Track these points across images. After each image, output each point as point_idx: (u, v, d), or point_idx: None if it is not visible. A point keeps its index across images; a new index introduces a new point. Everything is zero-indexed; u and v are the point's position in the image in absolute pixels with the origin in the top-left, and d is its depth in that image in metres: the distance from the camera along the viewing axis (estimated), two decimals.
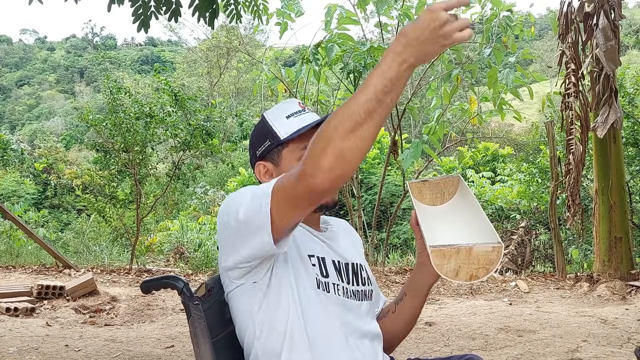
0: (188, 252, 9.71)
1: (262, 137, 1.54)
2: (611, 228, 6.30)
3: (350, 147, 1.16)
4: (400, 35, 1.18)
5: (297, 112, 1.52)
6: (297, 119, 1.51)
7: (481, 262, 1.33)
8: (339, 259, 1.54)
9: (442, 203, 1.70)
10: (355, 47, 6.70)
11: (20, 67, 69.36)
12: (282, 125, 1.51)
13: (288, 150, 1.51)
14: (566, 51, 6.04)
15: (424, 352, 4.03)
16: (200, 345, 1.51)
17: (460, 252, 1.33)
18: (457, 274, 1.34)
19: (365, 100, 1.15)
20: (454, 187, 1.70)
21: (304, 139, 1.47)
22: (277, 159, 1.53)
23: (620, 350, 3.89)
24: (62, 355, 3.90)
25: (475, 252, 1.33)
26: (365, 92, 1.16)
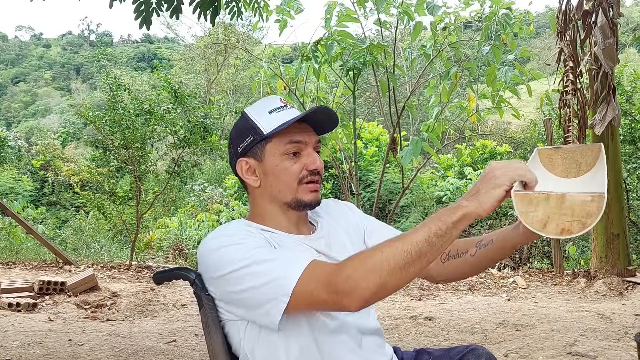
0: (187, 248, 9.75)
1: (244, 133, 1.51)
2: (608, 225, 6.35)
3: (393, 282, 1.19)
4: (465, 194, 1.26)
5: (279, 107, 1.49)
6: (280, 114, 1.47)
7: (576, 214, 1.15)
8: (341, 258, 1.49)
9: (577, 175, 1.44)
10: (355, 45, 6.72)
11: (16, 64, 69.11)
12: (265, 121, 1.48)
13: (272, 144, 1.47)
14: (564, 49, 6.08)
15: (425, 346, 4.06)
16: (212, 334, 1.52)
17: (550, 199, 1.17)
18: (545, 225, 1.17)
19: (419, 241, 1.19)
20: (594, 158, 1.43)
21: (287, 134, 1.46)
22: (260, 155, 1.49)
23: (617, 344, 3.94)
24: (65, 350, 3.93)
25: (569, 201, 1.16)
26: (422, 233, 1.20)
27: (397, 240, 1.22)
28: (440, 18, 6.69)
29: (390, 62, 6.85)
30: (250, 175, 1.51)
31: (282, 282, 1.25)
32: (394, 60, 6.87)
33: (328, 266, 1.27)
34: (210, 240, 1.39)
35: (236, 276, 1.31)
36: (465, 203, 1.23)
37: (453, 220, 1.21)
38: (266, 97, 1.58)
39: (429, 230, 1.20)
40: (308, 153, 1.48)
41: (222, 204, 15.00)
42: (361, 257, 1.22)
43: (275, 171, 1.47)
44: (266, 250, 1.33)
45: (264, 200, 1.52)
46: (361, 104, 17.87)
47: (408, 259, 1.19)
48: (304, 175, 1.47)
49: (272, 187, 1.49)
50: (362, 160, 14.00)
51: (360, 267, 1.19)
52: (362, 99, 18.83)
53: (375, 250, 1.22)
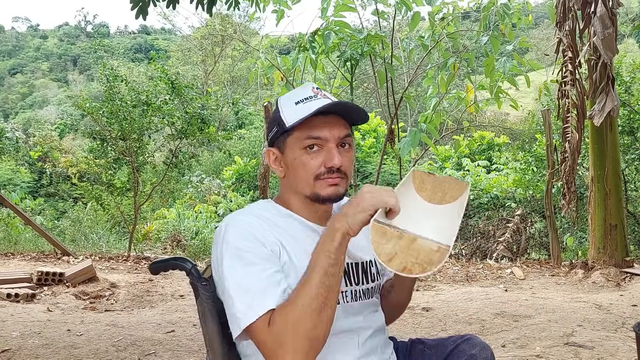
0: (185, 239, 9.75)
1: (273, 123, 1.51)
2: (606, 216, 6.37)
3: (320, 333, 1.28)
4: (335, 216, 1.35)
5: (307, 98, 1.47)
6: (305, 106, 1.45)
7: (420, 258, 1.22)
8: (349, 260, 1.51)
9: (439, 203, 1.52)
10: (352, 35, 6.69)
11: (12, 55, 68.83)
12: (289, 112, 1.46)
13: (292, 138, 1.46)
14: (563, 39, 6.06)
15: (422, 336, 4.07)
16: (208, 324, 1.53)
17: (402, 238, 1.24)
18: (391, 259, 1.23)
19: (321, 280, 1.28)
20: (458, 193, 1.53)
21: (307, 128, 1.44)
22: (283, 147, 1.49)
23: (615, 334, 3.95)
24: (64, 340, 3.93)
25: (418, 245, 1.23)
26: (319, 272, 1.29)
27: (304, 286, 1.29)
28: (439, 8, 6.66)
29: (388, 52, 6.83)
30: (277, 165, 1.52)
31: (240, 316, 1.31)
32: (392, 51, 6.85)
33: (274, 327, 1.29)
34: (227, 227, 1.43)
35: (220, 282, 1.40)
36: (337, 225, 1.32)
37: (335, 245, 1.31)
38: (301, 86, 1.56)
39: (323, 266, 1.29)
40: (328, 149, 1.45)
41: (220, 195, 15.01)
42: (284, 313, 1.28)
43: (294, 165, 1.47)
44: (256, 268, 1.35)
45: (289, 190, 1.54)
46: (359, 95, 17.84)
47: (321, 299, 1.27)
48: (321, 172, 1.45)
49: (293, 179, 1.50)
50: (359, 152, 14.01)
51: (290, 331, 1.26)
52: (360, 89, 18.81)
53: (294, 303, 1.28)
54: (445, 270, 6.84)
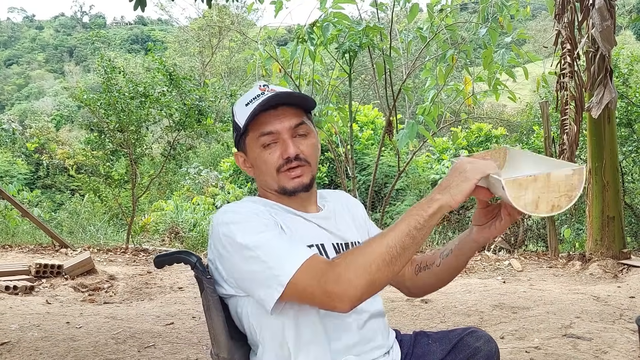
0: (183, 231, 9.74)
1: (233, 128, 1.58)
2: (604, 207, 6.38)
3: (381, 279, 1.27)
4: (436, 187, 1.33)
5: (255, 97, 1.50)
6: (253, 105, 1.48)
7: (562, 189, 1.23)
8: (338, 240, 1.55)
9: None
10: (351, 27, 6.67)
11: (8, 46, 68.49)
12: (241, 114, 1.51)
13: (249, 138, 1.52)
14: (562, 31, 6.05)
15: (421, 329, 4.09)
16: (213, 318, 1.53)
17: (537, 180, 1.22)
18: (537, 205, 1.22)
19: (401, 235, 1.27)
20: (502, 160, 1.57)
21: (259, 126, 1.48)
22: (245, 148, 1.55)
23: (612, 326, 3.97)
24: (63, 332, 3.93)
25: (554, 178, 1.22)
26: (402, 229, 1.28)
27: (381, 237, 1.29)
28: (437, 0, 6.64)
29: (386, 44, 6.81)
30: (246, 167, 1.59)
31: (278, 272, 1.30)
32: (390, 43, 6.82)
33: (322, 265, 1.29)
34: (223, 214, 1.44)
35: (239, 257, 1.36)
36: (438, 196, 1.30)
37: (429, 213, 1.28)
38: (253, 85, 1.60)
39: (408, 225, 1.28)
40: (282, 141, 1.49)
41: (218, 187, 14.98)
42: (350, 256, 1.28)
43: (257, 163, 1.53)
44: (270, 234, 1.36)
45: (263, 187, 1.59)
46: (356, 86, 17.81)
47: (394, 253, 1.26)
48: (280, 164, 1.50)
49: (261, 177, 1.56)
50: (357, 144, 13.98)
51: (351, 267, 1.25)
52: (358, 81, 18.78)
53: (362, 249, 1.28)
54: None
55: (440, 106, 7.30)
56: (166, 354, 3.57)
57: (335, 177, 13.61)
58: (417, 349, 1.70)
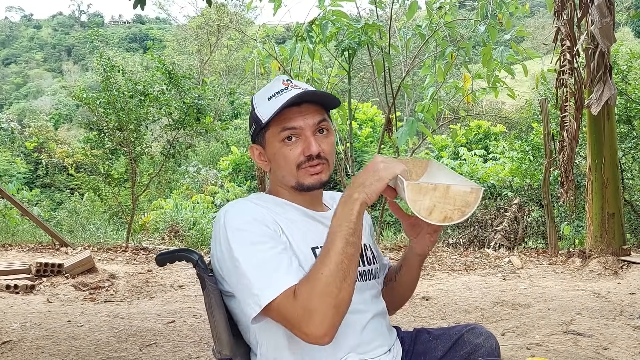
0: (183, 230, 9.75)
1: (251, 121, 1.56)
2: (604, 204, 6.39)
3: (344, 296, 1.29)
4: (351, 184, 1.37)
5: (278, 92, 1.50)
6: (276, 100, 1.49)
7: (457, 203, 1.30)
8: None
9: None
10: (350, 25, 6.66)
11: (6, 45, 68.40)
12: (263, 108, 1.51)
13: (270, 132, 1.51)
14: (561, 28, 6.04)
15: (422, 326, 4.09)
16: (215, 315, 1.53)
17: (437, 189, 1.29)
18: (431, 212, 1.29)
19: (343, 247, 1.30)
20: (422, 170, 1.66)
21: (282, 120, 1.48)
22: (263, 142, 1.54)
23: (613, 322, 3.98)
24: (65, 331, 3.93)
25: (452, 192, 1.29)
26: (340, 240, 1.30)
27: (325, 257, 1.30)
28: None
29: (385, 42, 6.81)
30: (261, 160, 1.58)
31: (258, 293, 1.31)
32: (389, 40, 6.83)
33: (292, 298, 1.30)
34: (227, 214, 1.44)
35: (231, 264, 1.38)
36: (356, 195, 1.33)
37: (355, 214, 1.32)
38: (274, 79, 1.58)
39: (343, 235, 1.31)
40: (305, 138, 1.49)
41: (217, 185, 14.99)
42: (308, 286, 1.28)
43: (276, 158, 1.52)
44: (263, 250, 1.36)
45: (277, 182, 1.58)
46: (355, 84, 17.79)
47: (344, 267, 1.28)
48: (302, 160, 1.49)
49: (278, 172, 1.55)
50: (356, 141, 13.99)
51: (314, 298, 1.27)
52: (356, 79, 18.75)
53: (315, 275, 1.29)
54: (443, 259, 6.86)
55: (440, 104, 7.31)
56: (167, 352, 3.57)
57: (335, 175, 13.62)
58: (417, 346, 1.71)
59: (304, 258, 1.43)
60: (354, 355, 1.45)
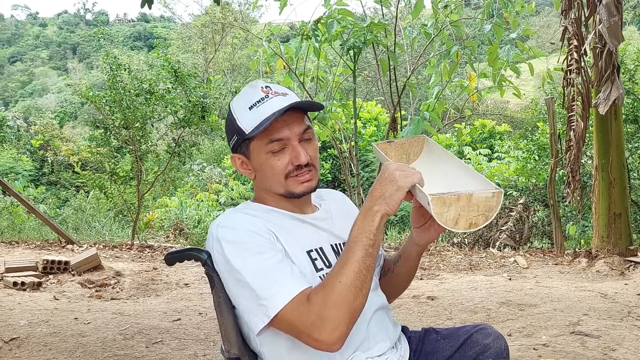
0: (187, 228, 9.77)
1: (230, 131, 1.52)
2: (610, 204, 6.36)
3: (359, 304, 1.30)
4: (369, 196, 1.37)
5: (259, 100, 1.47)
6: (260, 108, 1.46)
7: (481, 209, 1.32)
8: (336, 240, 1.55)
9: (408, 164, 1.67)
10: (355, 24, 6.65)
11: (12, 43, 68.66)
12: (246, 119, 1.47)
13: (255, 143, 1.48)
14: (569, 27, 6.02)
15: (428, 325, 4.09)
16: (224, 314, 1.52)
17: (460, 199, 1.30)
18: (457, 222, 1.31)
19: (362, 257, 1.31)
20: (419, 148, 1.70)
21: (268, 132, 1.45)
22: (247, 153, 1.51)
23: (621, 323, 3.97)
24: (72, 328, 3.95)
25: (475, 199, 1.31)
26: (360, 250, 1.31)
27: (344, 265, 1.31)
28: None
29: (390, 41, 6.79)
30: (244, 169, 1.55)
31: (265, 303, 1.31)
32: (395, 39, 6.81)
33: (306, 307, 1.29)
34: (218, 228, 1.43)
35: (231, 278, 1.38)
36: (377, 207, 1.33)
37: (375, 226, 1.33)
38: (249, 86, 1.55)
39: (363, 245, 1.31)
40: (293, 147, 1.48)
41: (221, 183, 15.00)
42: (325, 293, 1.29)
43: (263, 168, 1.50)
44: (263, 259, 1.35)
45: (263, 190, 1.57)
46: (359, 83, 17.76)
47: (362, 277, 1.29)
48: (290, 170, 1.49)
49: (264, 181, 1.53)
50: (361, 140, 13.96)
51: (330, 305, 1.27)
52: (360, 78, 18.73)
53: (333, 283, 1.29)
54: (448, 258, 6.85)
55: (445, 103, 7.29)
56: (174, 349, 3.58)
57: (339, 174, 13.61)
58: (425, 346, 1.71)
59: (300, 263, 1.42)
60: (360, 354, 1.46)
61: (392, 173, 1.35)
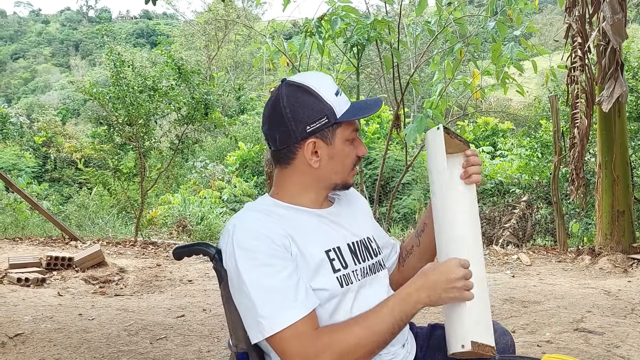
0: (190, 225, 9.77)
1: (318, 113, 1.44)
2: (614, 202, 6.36)
3: (361, 358, 1.31)
4: (423, 275, 1.36)
5: (338, 90, 1.48)
6: (342, 98, 1.48)
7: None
8: (352, 239, 1.53)
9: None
10: (359, 21, 6.65)
11: (15, 40, 68.76)
12: (337, 104, 1.45)
13: (341, 130, 1.46)
14: (573, 24, 6.02)
15: (432, 321, 4.09)
16: (232, 310, 1.52)
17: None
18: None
19: (385, 331, 1.32)
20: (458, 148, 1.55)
21: (353, 122, 1.48)
22: (331, 138, 1.46)
23: (624, 320, 3.97)
24: (76, 324, 3.96)
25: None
26: (387, 323, 1.33)
27: (372, 325, 1.32)
28: None
29: (394, 38, 6.79)
30: (313, 155, 1.46)
31: (263, 321, 1.30)
32: (398, 36, 6.81)
33: (308, 340, 1.29)
34: (235, 229, 1.40)
35: (237, 285, 1.37)
36: (423, 295, 1.34)
37: (413, 312, 1.34)
38: (317, 74, 1.52)
39: (393, 321, 1.33)
40: (359, 140, 1.52)
41: (224, 180, 15.02)
42: (336, 341, 1.30)
43: (341, 156, 1.48)
44: (273, 270, 1.33)
45: (308, 179, 1.51)
46: (362, 80, 17.76)
47: (377, 344, 1.32)
48: (356, 161, 1.53)
49: (331, 169, 1.49)
50: (364, 138, 13.97)
51: (335, 355, 1.28)
52: (364, 75, 18.73)
53: (348, 335, 1.31)
54: None
55: (448, 100, 7.29)
56: (178, 346, 3.59)
57: None
58: (432, 341, 1.72)
59: (316, 263, 1.40)
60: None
61: (455, 279, 1.34)
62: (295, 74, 4.91)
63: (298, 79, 1.49)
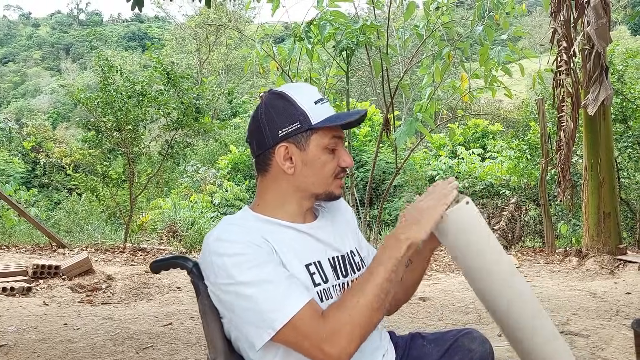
0: (181, 230, 9.74)
1: (291, 117, 1.45)
2: (600, 203, 6.40)
3: (372, 325, 1.32)
4: (403, 227, 1.39)
5: (321, 99, 1.48)
6: (324, 107, 1.47)
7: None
8: (333, 254, 1.52)
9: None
10: (348, 25, 6.66)
11: (4, 43, 68.38)
12: (314, 111, 1.45)
13: (317, 136, 1.45)
14: (558, 29, 6.06)
15: (419, 327, 4.10)
16: (209, 323, 1.52)
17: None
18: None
19: (383, 282, 1.32)
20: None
21: (332, 129, 1.46)
22: (305, 144, 1.45)
23: (609, 322, 3.99)
24: (61, 334, 3.94)
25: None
26: (382, 274, 1.33)
27: (365, 285, 1.32)
28: None
29: (383, 42, 6.80)
30: (286, 160, 1.46)
31: (271, 315, 1.28)
32: (387, 41, 6.82)
33: (315, 320, 1.29)
34: (216, 241, 1.38)
35: (233, 292, 1.33)
36: (405, 235, 1.36)
37: (402, 254, 1.35)
38: (301, 84, 1.54)
39: (387, 270, 1.33)
40: (340, 150, 1.50)
41: (216, 184, 14.99)
42: (340, 310, 1.30)
43: (316, 164, 1.46)
44: (266, 271, 1.32)
45: (286, 188, 1.50)
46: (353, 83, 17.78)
47: (380, 300, 1.31)
48: (337, 171, 1.49)
49: (307, 178, 1.48)
50: (355, 140, 13.98)
51: (344, 323, 1.28)
52: (354, 78, 18.75)
53: (351, 301, 1.31)
54: (441, 258, 6.87)
55: (437, 103, 7.31)
56: (164, 355, 3.57)
57: None
58: (412, 351, 1.71)
59: (298, 277, 1.39)
60: None
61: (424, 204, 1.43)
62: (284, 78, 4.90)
63: (280, 88, 1.51)
